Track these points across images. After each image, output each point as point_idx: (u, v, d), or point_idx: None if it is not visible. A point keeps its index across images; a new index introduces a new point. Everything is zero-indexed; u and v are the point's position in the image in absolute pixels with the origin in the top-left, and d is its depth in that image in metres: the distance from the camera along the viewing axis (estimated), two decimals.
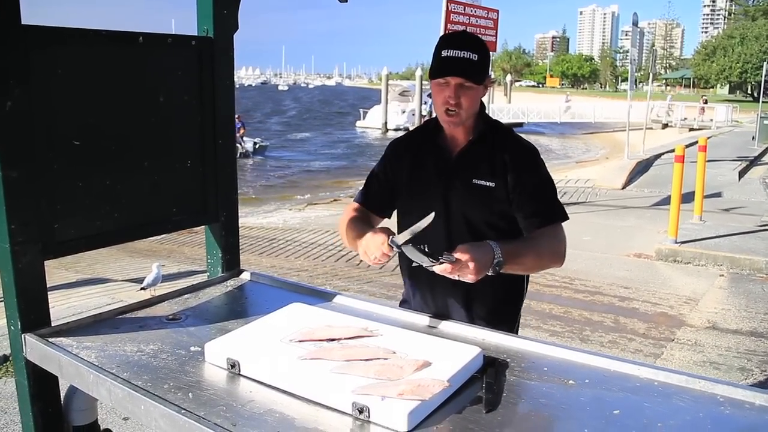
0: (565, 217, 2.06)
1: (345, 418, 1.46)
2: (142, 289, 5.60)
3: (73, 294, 5.87)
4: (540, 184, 2.06)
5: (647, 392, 1.62)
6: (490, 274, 1.84)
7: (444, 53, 1.95)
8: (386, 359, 1.64)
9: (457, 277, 1.81)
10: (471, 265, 1.76)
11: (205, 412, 1.47)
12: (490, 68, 2.06)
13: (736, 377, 4.42)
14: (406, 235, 1.78)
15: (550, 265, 2.07)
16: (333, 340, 1.77)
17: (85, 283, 6.50)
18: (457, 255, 1.76)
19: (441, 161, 2.08)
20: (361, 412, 1.44)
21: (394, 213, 2.24)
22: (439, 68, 1.96)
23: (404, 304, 2.28)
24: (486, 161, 2.04)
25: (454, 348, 1.74)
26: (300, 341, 1.75)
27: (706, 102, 31.08)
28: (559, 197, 2.11)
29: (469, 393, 1.60)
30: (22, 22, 1.81)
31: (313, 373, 1.58)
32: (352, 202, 2.25)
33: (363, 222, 2.12)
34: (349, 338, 1.78)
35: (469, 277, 1.79)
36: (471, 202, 2.04)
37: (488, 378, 1.64)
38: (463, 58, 1.93)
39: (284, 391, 1.57)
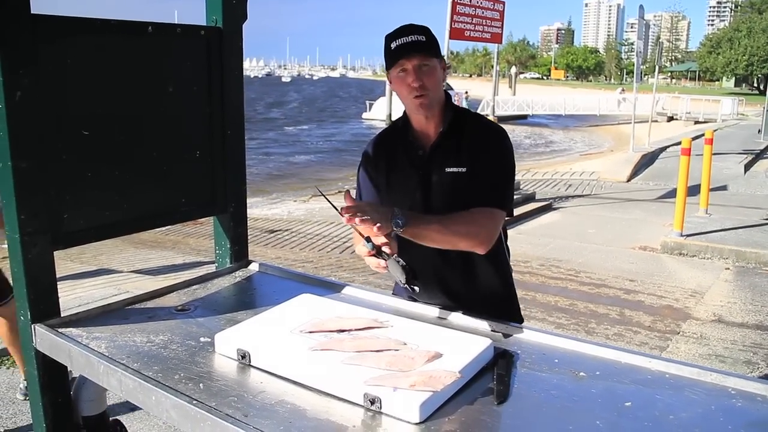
0: (505, 208, 1.99)
1: (357, 409, 1.45)
2: None
3: (79, 285, 5.88)
4: (492, 165, 1.99)
5: (658, 384, 1.61)
6: (395, 230, 1.77)
7: (393, 45, 1.96)
8: (397, 350, 1.64)
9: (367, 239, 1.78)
10: (361, 214, 1.71)
11: (216, 402, 1.47)
12: (444, 50, 2.05)
13: (741, 370, 4.41)
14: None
15: (461, 246, 1.95)
16: (343, 331, 1.77)
17: (91, 274, 6.50)
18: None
19: (415, 157, 2.07)
20: (372, 403, 1.44)
21: None
22: (393, 58, 1.96)
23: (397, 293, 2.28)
24: (456, 148, 2.02)
25: (465, 339, 1.74)
26: (310, 332, 1.75)
27: None
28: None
29: (480, 384, 1.59)
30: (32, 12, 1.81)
31: (324, 364, 1.58)
32: None
33: None
34: (360, 329, 1.78)
35: (367, 227, 1.72)
36: (447, 191, 2.02)
37: (499, 369, 1.64)
38: (412, 41, 1.95)
39: (295, 382, 1.56)
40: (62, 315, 1.98)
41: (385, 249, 1.80)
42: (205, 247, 8.70)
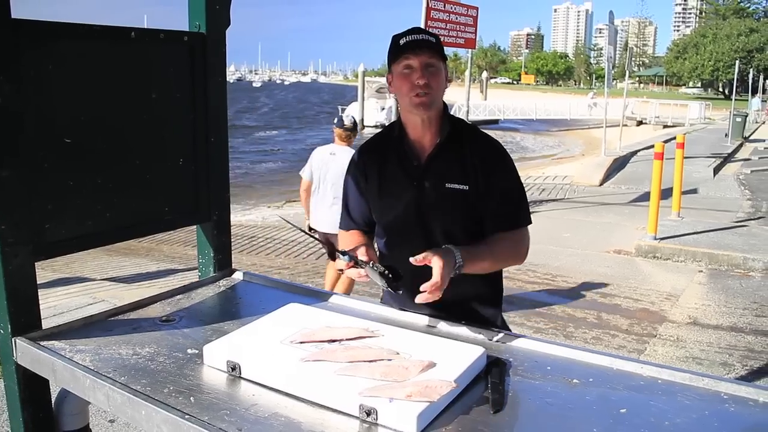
0: (530, 221, 2.06)
1: (352, 421, 1.43)
2: None
3: (52, 293, 5.75)
4: (509, 187, 2.03)
5: (652, 390, 1.62)
6: (451, 276, 1.81)
7: (402, 41, 1.93)
8: (390, 360, 1.62)
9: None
10: (440, 279, 1.73)
11: (209, 416, 1.44)
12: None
13: (718, 372, 4.46)
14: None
15: (507, 266, 2.15)
16: (334, 341, 1.74)
17: (64, 282, 6.37)
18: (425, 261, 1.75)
19: (411, 167, 2.03)
20: (368, 414, 1.42)
21: None
22: (400, 52, 1.92)
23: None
24: (457, 164, 1.99)
25: (458, 348, 1.72)
26: (301, 342, 1.73)
27: None
28: (529, 197, 2.09)
29: (474, 393, 1.58)
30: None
31: (317, 375, 1.55)
32: (341, 232, 2.22)
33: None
34: (351, 339, 1.76)
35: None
36: (445, 207, 1.99)
37: (493, 378, 1.63)
38: (422, 39, 1.93)
39: (288, 394, 1.54)
40: (42, 327, 1.93)
41: (362, 257, 1.82)
42: (179, 253, 8.60)
